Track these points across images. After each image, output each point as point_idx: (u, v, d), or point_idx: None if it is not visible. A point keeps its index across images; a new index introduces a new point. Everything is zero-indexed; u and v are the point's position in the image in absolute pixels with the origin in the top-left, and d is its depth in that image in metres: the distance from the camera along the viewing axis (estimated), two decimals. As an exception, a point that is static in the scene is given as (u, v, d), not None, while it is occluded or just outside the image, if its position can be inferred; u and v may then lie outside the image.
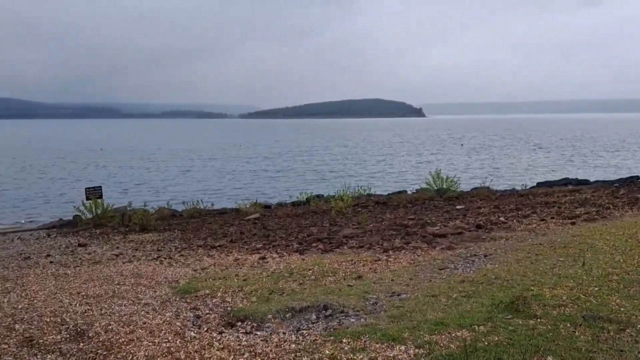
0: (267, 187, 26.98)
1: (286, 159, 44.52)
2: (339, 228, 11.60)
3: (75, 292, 6.70)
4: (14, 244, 12.10)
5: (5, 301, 6.32)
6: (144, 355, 4.41)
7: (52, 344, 4.77)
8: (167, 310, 5.74)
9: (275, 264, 8.05)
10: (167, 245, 10.72)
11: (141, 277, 7.55)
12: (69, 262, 9.17)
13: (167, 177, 32.33)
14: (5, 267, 8.87)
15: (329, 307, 5.43)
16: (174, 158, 46.74)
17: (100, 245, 11.07)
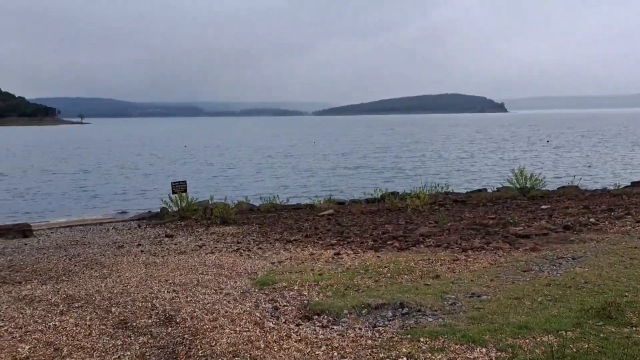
0: (341, 184, 27.11)
1: (361, 156, 44.45)
2: (415, 226, 11.42)
3: (163, 279, 7.11)
4: (109, 234, 13.05)
5: (103, 286, 6.84)
6: (227, 342, 4.61)
7: (143, 327, 5.10)
8: (247, 300, 5.94)
9: (350, 260, 8.08)
10: (246, 238, 11.07)
11: (222, 267, 7.86)
12: (157, 252, 9.74)
13: (246, 173, 33.42)
14: (102, 254, 9.59)
15: (405, 305, 5.37)
16: (252, 154, 48.21)
17: (185, 237, 11.65)
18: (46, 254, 9.89)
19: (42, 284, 7.11)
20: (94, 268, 8.18)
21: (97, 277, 7.44)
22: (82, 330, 5.00)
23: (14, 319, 5.35)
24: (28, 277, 7.67)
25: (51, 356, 4.38)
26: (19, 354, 4.41)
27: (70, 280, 7.34)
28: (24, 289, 6.79)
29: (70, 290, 6.64)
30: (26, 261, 9.09)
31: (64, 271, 8.01)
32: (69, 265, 8.47)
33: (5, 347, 4.58)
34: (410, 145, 56.02)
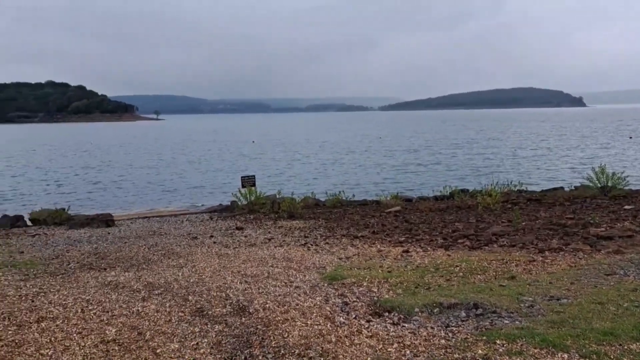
0: (407, 180, 26.73)
1: (429, 152, 43.59)
2: (486, 225, 11.05)
3: (235, 270, 7.33)
4: (183, 225, 13.62)
5: (180, 275, 7.16)
6: (299, 335, 4.68)
7: (219, 316, 5.30)
8: (316, 294, 6.01)
9: (419, 258, 7.96)
10: (313, 232, 11.18)
11: (291, 261, 7.99)
12: (229, 243, 10.06)
13: (312, 168, 33.75)
14: (178, 245, 10.04)
15: (479, 306, 5.22)
16: (318, 150, 48.59)
17: (254, 229, 11.95)
18: (127, 243, 10.50)
19: (125, 271, 7.55)
20: (170, 257, 8.57)
21: (174, 267, 7.79)
22: (163, 317, 5.26)
23: (102, 303, 5.72)
24: (112, 264, 8.17)
25: (135, 339, 4.64)
26: (106, 336, 4.71)
27: (149, 268, 7.74)
28: (108, 275, 7.23)
29: (150, 278, 7.01)
30: (109, 249, 9.68)
31: (144, 259, 8.46)
32: (148, 254, 8.93)
33: (94, 329, 4.91)
34: (481, 142, 54.21)
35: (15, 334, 4.76)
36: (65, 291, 6.28)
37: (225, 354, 4.35)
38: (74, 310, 5.45)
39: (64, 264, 8.24)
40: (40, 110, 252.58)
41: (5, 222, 15.96)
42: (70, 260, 8.49)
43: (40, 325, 5.01)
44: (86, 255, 8.94)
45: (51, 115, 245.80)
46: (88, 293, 6.16)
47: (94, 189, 27.17)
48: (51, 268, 7.89)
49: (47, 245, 10.39)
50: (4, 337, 4.67)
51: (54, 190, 27.09)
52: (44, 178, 32.40)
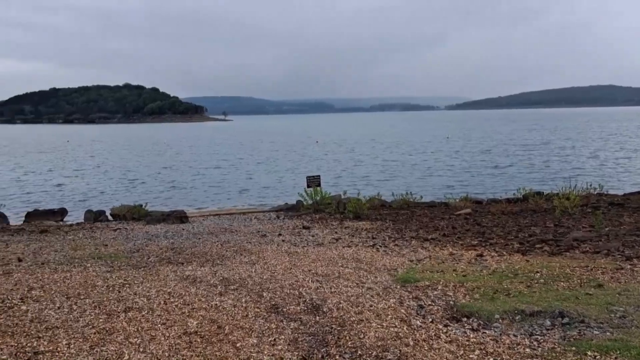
0: (477, 182, 25.93)
1: (500, 153, 42.07)
2: (565, 229, 10.50)
3: (306, 269, 7.40)
4: (252, 223, 13.94)
5: (253, 271, 7.32)
6: (374, 336, 4.65)
7: (293, 314, 5.36)
8: (390, 296, 5.94)
9: (495, 263, 7.67)
10: (381, 234, 11.08)
11: (361, 262, 7.96)
12: (297, 242, 10.17)
13: (377, 169, 33.53)
14: (248, 242, 10.28)
15: (565, 314, 4.94)
16: (382, 150, 48.20)
17: (321, 229, 12.01)
18: (201, 239, 10.87)
19: (201, 266, 7.82)
20: (242, 254, 8.79)
21: (246, 263, 7.98)
22: (240, 312, 5.40)
23: (182, 296, 5.95)
24: (188, 259, 8.49)
25: (215, 332, 4.79)
26: (188, 328, 4.90)
27: (223, 264, 7.97)
28: (186, 270, 7.52)
29: (225, 273, 7.21)
30: (185, 244, 10.06)
31: (218, 255, 8.72)
32: (221, 250, 9.21)
33: (177, 321, 5.11)
34: (556, 142, 51.65)
35: (105, 322, 5.05)
36: (148, 283, 6.59)
37: (302, 351, 4.39)
38: (157, 302, 5.71)
39: (145, 257, 8.65)
40: (118, 111, 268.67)
41: (89, 217, 17.04)
42: (150, 254, 8.91)
43: (128, 314, 5.28)
44: (164, 250, 9.34)
45: (128, 116, 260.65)
46: (169, 286, 6.43)
47: (168, 186, 28.44)
48: (133, 261, 8.31)
49: (128, 239, 10.97)
50: (96, 325, 4.97)
51: (132, 187, 28.62)
52: (122, 176, 34.32)
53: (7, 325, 4.96)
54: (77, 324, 4.99)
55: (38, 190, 27.69)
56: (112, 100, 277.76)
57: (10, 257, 8.70)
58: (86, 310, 5.44)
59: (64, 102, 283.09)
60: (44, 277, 7.00)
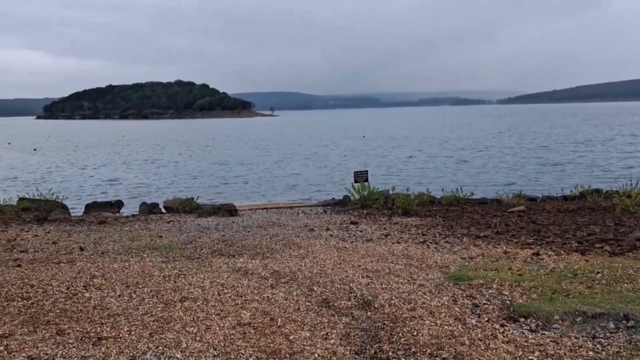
0: (531, 178, 25.10)
1: (554, 148, 40.53)
2: (627, 229, 9.98)
3: (355, 264, 7.38)
4: (299, 217, 14.03)
5: (303, 265, 7.38)
6: (428, 334, 4.58)
7: (344, 308, 5.36)
8: (443, 294, 5.84)
9: (552, 262, 7.39)
10: (431, 230, 10.90)
11: (411, 258, 7.86)
12: (345, 237, 10.16)
13: (424, 164, 33.04)
14: (297, 236, 10.36)
15: (631, 317, 4.70)
16: (430, 145, 47.44)
17: (369, 225, 11.94)
18: (250, 232, 11.05)
19: (252, 259, 7.95)
20: (292, 248, 8.86)
21: (296, 257, 8.04)
22: (292, 305, 5.45)
23: (235, 288, 6.07)
24: (239, 251, 8.64)
25: (268, 324, 4.86)
26: (242, 319, 4.99)
27: (273, 257, 8.07)
28: (237, 262, 7.66)
29: (276, 266, 7.30)
30: (235, 237, 10.25)
31: (267, 249, 8.84)
32: (271, 244, 9.32)
33: (231, 312, 5.22)
34: (616, 138, 49.20)
35: (163, 311, 5.22)
36: (202, 274, 6.75)
37: (355, 346, 4.38)
38: (212, 293, 5.85)
39: (198, 249, 8.88)
40: (170, 107, 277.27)
41: (144, 209, 17.66)
42: (203, 246, 9.13)
43: (184, 304, 5.44)
44: (216, 242, 9.55)
45: (179, 112, 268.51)
46: (222, 277, 6.57)
47: (217, 180, 29.08)
48: (187, 252, 8.54)
49: (181, 231, 11.28)
50: (154, 313, 5.15)
51: (183, 180, 29.45)
52: (174, 169, 35.38)
53: (72, 311, 5.21)
54: (137, 312, 5.18)
55: (95, 183, 28.98)
56: (164, 96, 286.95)
57: (72, 246, 9.14)
58: (145, 298, 5.64)
59: (120, 98, 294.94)
60: (104, 266, 7.31)
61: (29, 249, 8.85)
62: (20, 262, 7.63)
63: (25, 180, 30.10)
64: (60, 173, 34.48)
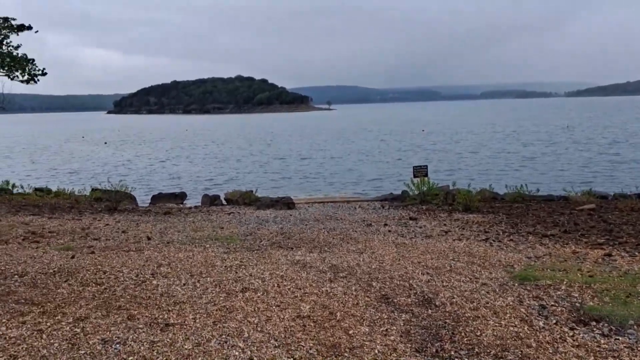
0: (601, 175, 23.76)
1: (628, 145, 38.12)
2: None
3: (415, 261, 7.26)
4: (356, 212, 13.99)
5: (361, 260, 7.35)
6: (492, 334, 4.44)
7: (404, 305, 5.29)
8: (507, 294, 5.64)
9: (626, 264, 6.96)
10: (494, 227, 10.56)
11: (473, 256, 7.64)
12: (404, 233, 10.03)
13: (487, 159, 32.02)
14: (354, 230, 10.33)
15: None
16: (492, 139, 45.91)
17: (429, 221, 11.72)
18: (308, 225, 11.14)
19: (310, 252, 8.01)
20: (349, 242, 8.85)
21: (353, 251, 8.02)
22: (350, 299, 5.44)
23: (294, 280, 6.14)
24: (297, 244, 8.73)
25: (328, 318, 4.88)
26: (301, 312, 5.04)
27: (331, 251, 8.09)
28: (296, 255, 7.74)
29: (334, 260, 7.32)
30: (293, 230, 10.36)
31: (325, 242, 8.87)
32: (328, 238, 9.35)
33: (290, 303, 5.28)
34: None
35: (225, 301, 5.36)
36: (262, 266, 6.88)
37: (415, 344, 4.31)
38: (271, 285, 5.95)
39: (257, 240, 9.06)
40: (230, 102, 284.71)
41: (206, 201, 18.23)
42: (262, 238, 9.30)
43: (245, 295, 5.56)
44: (274, 234, 9.70)
45: (239, 107, 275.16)
46: (281, 270, 6.66)
47: (275, 173, 29.52)
48: (247, 244, 8.73)
49: (241, 223, 11.55)
50: (217, 302, 5.30)
51: (243, 173, 30.14)
52: (235, 163, 36.27)
53: (141, 297, 5.46)
54: (201, 300, 5.35)
55: (160, 175, 30.21)
56: (225, 91, 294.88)
57: (140, 235, 9.58)
58: (208, 288, 5.82)
59: (183, 93, 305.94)
60: (170, 255, 7.60)
61: (101, 237, 9.36)
62: (93, 249, 8.08)
63: (97, 172, 31.88)
64: (128, 165, 36.25)
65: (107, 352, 4.01)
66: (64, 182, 25.59)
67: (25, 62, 19.70)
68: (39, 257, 7.29)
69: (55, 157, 43.10)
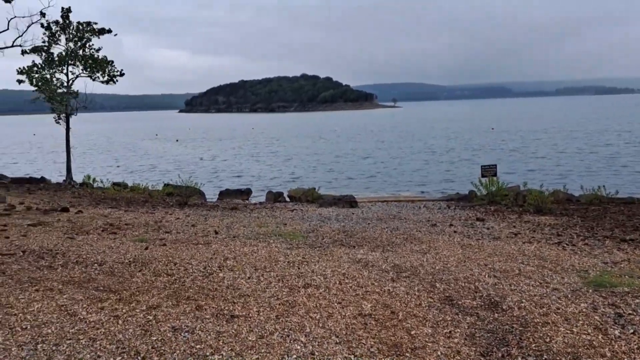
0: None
1: None
2: None
3: (482, 263, 7.04)
4: (421, 211, 13.77)
5: (424, 260, 7.23)
6: (563, 342, 4.23)
7: (469, 308, 5.15)
8: (580, 300, 5.34)
9: None
10: (567, 230, 10.05)
11: (544, 260, 7.31)
12: (470, 234, 9.75)
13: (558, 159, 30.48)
14: (418, 230, 10.18)
15: None
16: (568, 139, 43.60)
17: (497, 222, 11.33)
18: (370, 224, 11.09)
19: (372, 251, 7.97)
20: (412, 242, 8.72)
21: (417, 252, 7.90)
22: (413, 300, 5.37)
23: (355, 279, 6.14)
24: (359, 242, 8.72)
25: (389, 317, 4.84)
26: (363, 310, 5.03)
27: (394, 250, 8.01)
28: (358, 253, 7.74)
29: (397, 260, 7.24)
30: (355, 228, 10.36)
31: (387, 242, 8.80)
32: (391, 237, 9.26)
33: (352, 301, 5.29)
34: None
35: (288, 295, 5.46)
36: (324, 263, 6.94)
37: (480, 347, 4.19)
38: (333, 282, 5.98)
39: (319, 238, 9.13)
40: (295, 100, 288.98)
41: (270, 197, 18.62)
42: (324, 235, 9.37)
43: (307, 290, 5.63)
44: (336, 232, 9.74)
45: (304, 105, 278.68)
46: (343, 267, 6.68)
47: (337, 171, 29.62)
48: (309, 241, 8.83)
49: (304, 220, 11.70)
50: (280, 297, 5.41)
51: (305, 171, 30.49)
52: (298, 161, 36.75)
53: (208, 289, 5.67)
54: (265, 294, 5.48)
55: (227, 172, 31.18)
56: (289, 90, 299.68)
57: (208, 229, 9.94)
58: (271, 282, 5.94)
59: (250, 93, 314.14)
60: (235, 249, 7.84)
61: (172, 230, 9.80)
62: (165, 241, 8.48)
63: (168, 168, 33.43)
64: (198, 162, 37.69)
65: (177, 339, 4.20)
66: (139, 177, 27.06)
67: (105, 64, 21.02)
68: (116, 248, 7.75)
69: (132, 154, 45.64)
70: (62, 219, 10.81)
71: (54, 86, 20.32)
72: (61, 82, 20.65)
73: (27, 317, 4.61)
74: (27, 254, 7.17)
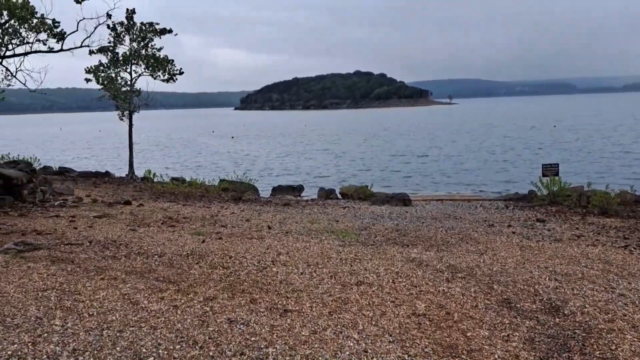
0: None
1: None
2: None
3: (542, 266, 6.78)
4: (477, 211, 13.42)
5: (481, 261, 7.03)
6: (630, 350, 4.00)
7: (528, 311, 4.96)
8: (651, 308, 5.04)
9: None
10: (635, 234, 9.52)
11: (610, 264, 6.94)
12: (530, 235, 9.40)
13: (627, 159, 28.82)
14: (474, 230, 9.92)
15: None
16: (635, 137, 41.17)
17: (559, 224, 10.88)
18: (424, 223, 10.92)
19: (426, 250, 7.84)
20: (468, 242, 8.51)
21: (473, 252, 7.70)
22: (469, 301, 5.23)
23: (409, 278, 6.06)
24: (413, 241, 8.60)
25: (444, 318, 4.74)
26: (416, 310, 4.96)
27: (449, 250, 7.84)
28: (411, 252, 7.63)
29: (452, 260, 7.08)
30: (409, 227, 10.22)
31: (442, 241, 8.62)
32: (446, 237, 9.07)
33: (405, 300, 5.23)
34: None
35: (340, 292, 5.46)
36: (376, 261, 6.89)
37: (540, 352, 4.03)
38: (386, 280, 5.93)
39: (372, 236, 9.07)
40: (348, 97, 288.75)
41: (322, 194, 18.70)
42: (377, 234, 9.30)
43: (359, 288, 5.61)
44: (389, 231, 9.64)
45: (356, 102, 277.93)
46: (396, 266, 6.61)
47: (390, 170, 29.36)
48: (361, 238, 8.79)
49: (356, 217, 11.67)
50: (332, 293, 5.42)
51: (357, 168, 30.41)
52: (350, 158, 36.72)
53: (262, 283, 5.76)
54: (317, 290, 5.51)
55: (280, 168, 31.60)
56: (342, 87, 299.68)
57: (262, 224, 10.11)
58: (324, 278, 5.97)
59: (303, 90, 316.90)
60: (288, 244, 7.93)
61: (228, 224, 10.04)
62: (220, 235, 8.70)
63: (224, 164, 34.29)
64: (252, 158, 38.43)
65: (232, 331, 4.30)
66: (196, 172, 27.91)
67: (166, 63, 21.83)
68: (174, 240, 8.03)
69: (189, 150, 47.16)
70: (125, 211, 11.32)
71: (118, 85, 21.33)
72: (125, 80, 21.64)
73: (93, 304, 4.86)
74: (93, 244, 7.56)
